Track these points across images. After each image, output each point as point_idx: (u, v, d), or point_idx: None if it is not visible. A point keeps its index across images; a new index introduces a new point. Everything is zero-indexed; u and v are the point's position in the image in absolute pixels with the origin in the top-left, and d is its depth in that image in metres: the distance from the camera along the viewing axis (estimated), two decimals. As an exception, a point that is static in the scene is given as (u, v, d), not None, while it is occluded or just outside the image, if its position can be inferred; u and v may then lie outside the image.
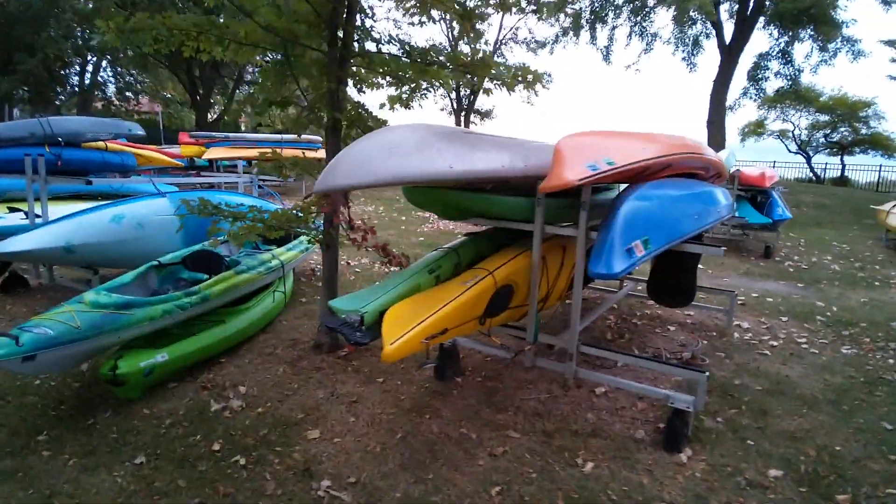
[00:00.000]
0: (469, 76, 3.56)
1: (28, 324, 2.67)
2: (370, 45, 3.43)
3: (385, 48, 3.51)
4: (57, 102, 22.85)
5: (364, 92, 3.63)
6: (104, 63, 23.09)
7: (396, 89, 3.83)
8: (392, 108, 3.93)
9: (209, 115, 23.49)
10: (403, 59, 3.60)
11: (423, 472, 2.47)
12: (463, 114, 25.90)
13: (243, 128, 32.84)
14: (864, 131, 23.12)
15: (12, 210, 4.83)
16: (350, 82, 3.69)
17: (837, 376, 3.63)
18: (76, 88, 23.40)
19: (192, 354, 3.26)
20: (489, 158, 2.54)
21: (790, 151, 25.38)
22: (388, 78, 3.61)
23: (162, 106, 30.50)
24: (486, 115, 26.81)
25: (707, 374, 2.82)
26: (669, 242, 2.79)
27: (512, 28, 24.92)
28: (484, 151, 2.57)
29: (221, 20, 3.66)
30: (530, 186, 2.83)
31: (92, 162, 6.56)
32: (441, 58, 3.49)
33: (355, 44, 3.34)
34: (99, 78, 23.96)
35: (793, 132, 25.35)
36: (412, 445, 2.70)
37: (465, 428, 2.88)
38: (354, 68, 3.64)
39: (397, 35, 3.49)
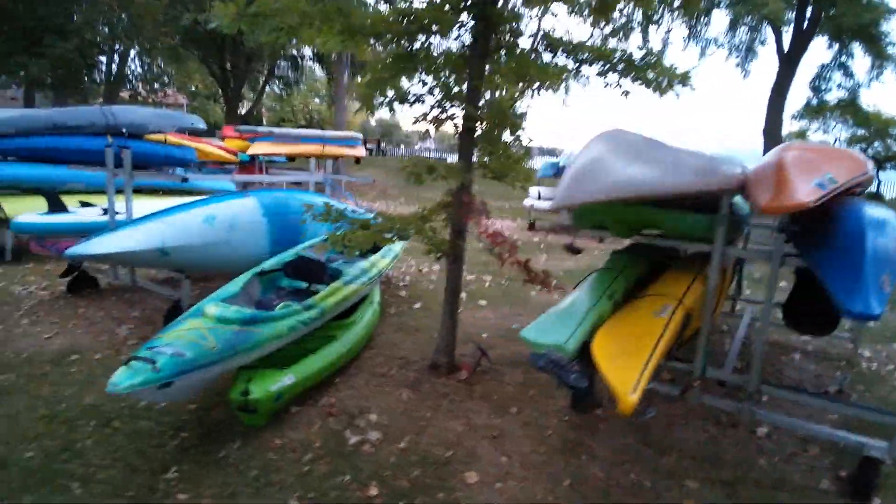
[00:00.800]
0: (618, 75, 3.21)
1: (156, 343, 2.37)
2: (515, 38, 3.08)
3: (527, 42, 3.16)
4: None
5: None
6: (132, 52, 22.93)
7: (522, 86, 3.48)
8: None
9: (239, 109, 23.26)
10: (546, 54, 3.25)
11: (618, 533, 2.13)
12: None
13: (264, 122, 32.75)
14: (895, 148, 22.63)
15: (85, 205, 4.54)
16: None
17: None
18: (101, 77, 23.23)
19: (314, 375, 2.95)
20: (696, 170, 2.21)
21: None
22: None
23: (188, 98, 30.42)
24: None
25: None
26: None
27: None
28: (686, 163, 2.24)
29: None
30: (703, 202, 2.50)
31: (155, 155, 6.31)
32: (587, 55, 3.14)
33: (505, 36, 3.00)
34: (126, 68, 23.83)
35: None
36: (584, 494, 2.37)
37: (634, 473, 2.55)
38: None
39: (545, 29, 3.14)
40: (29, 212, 4.24)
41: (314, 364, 2.96)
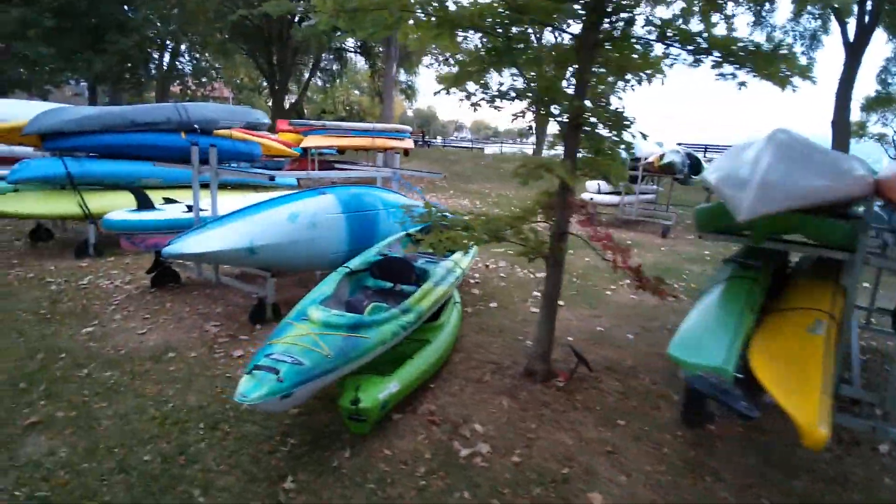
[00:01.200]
0: (736, 66, 2.96)
1: (271, 350, 2.32)
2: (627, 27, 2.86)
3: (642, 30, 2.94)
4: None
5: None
6: (182, 48, 23.50)
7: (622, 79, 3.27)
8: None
9: (285, 102, 23.60)
10: (654, 42, 3.03)
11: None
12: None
13: (306, 113, 33.13)
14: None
15: (168, 201, 4.60)
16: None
17: None
18: (153, 72, 23.91)
19: (415, 381, 2.86)
20: (854, 176, 1.98)
21: (891, 157, 23.47)
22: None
23: (234, 92, 31.09)
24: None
25: None
26: None
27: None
28: (844, 167, 2.01)
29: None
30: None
31: (224, 151, 6.36)
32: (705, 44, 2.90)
33: (618, 25, 2.80)
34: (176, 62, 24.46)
35: (893, 137, 23.46)
36: (720, 522, 2.19)
37: (765, 498, 2.35)
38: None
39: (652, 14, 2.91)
40: (118, 209, 4.32)
41: (414, 369, 2.87)
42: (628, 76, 3.13)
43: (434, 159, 19.43)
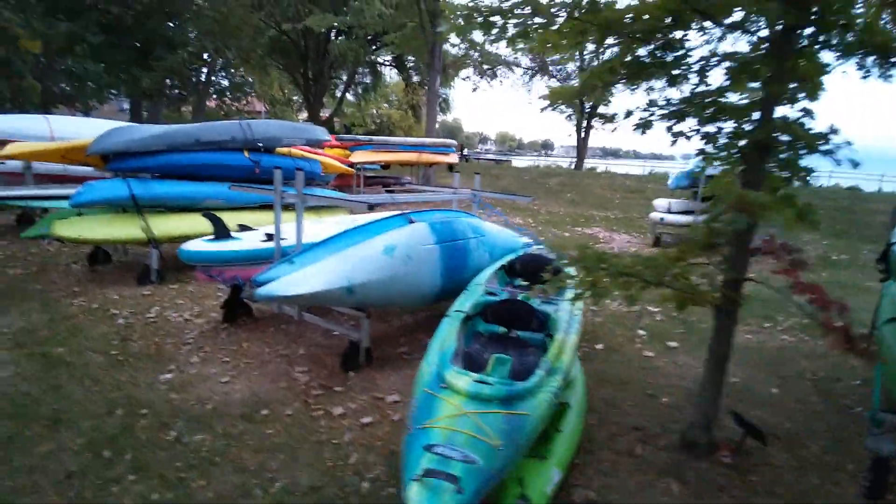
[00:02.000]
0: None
1: (429, 438, 1.85)
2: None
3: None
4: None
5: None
6: (218, 62, 23.69)
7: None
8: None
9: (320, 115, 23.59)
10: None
11: None
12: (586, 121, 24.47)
13: (336, 128, 33.21)
14: None
15: (243, 228, 4.24)
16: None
17: None
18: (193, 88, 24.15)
19: (569, 461, 2.36)
20: None
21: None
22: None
23: (268, 105, 31.34)
24: (610, 119, 24.86)
25: None
26: None
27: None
28: None
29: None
30: None
31: (286, 170, 6.01)
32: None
33: (831, 29, 2.30)
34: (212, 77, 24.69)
35: None
36: None
37: None
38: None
39: None
40: (195, 239, 3.96)
41: (567, 446, 2.38)
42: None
43: (473, 175, 19.02)
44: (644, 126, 2.54)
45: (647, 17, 2.48)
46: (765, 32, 2.43)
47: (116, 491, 2.26)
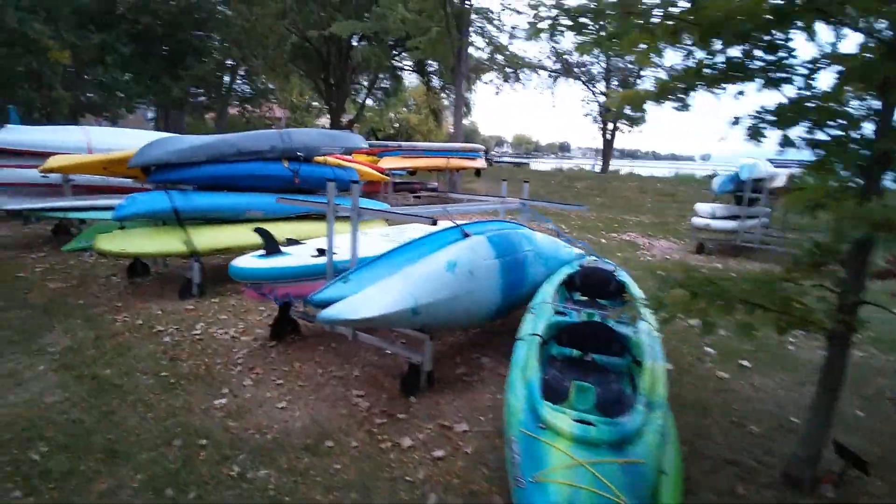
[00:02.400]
0: None
1: (546, 496, 1.64)
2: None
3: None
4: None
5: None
6: (241, 69, 23.81)
7: None
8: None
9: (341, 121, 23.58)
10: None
11: None
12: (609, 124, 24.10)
13: (355, 131, 33.24)
14: None
15: (291, 242, 4.08)
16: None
17: None
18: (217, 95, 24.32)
19: (679, 508, 2.13)
20: None
21: None
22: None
23: (289, 111, 31.54)
24: (635, 122, 24.43)
25: None
26: None
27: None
28: None
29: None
30: None
31: (323, 178, 5.87)
32: None
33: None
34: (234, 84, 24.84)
35: None
36: None
37: None
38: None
39: None
40: (245, 255, 3.81)
41: (675, 490, 2.14)
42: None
43: (500, 178, 18.78)
44: (756, 134, 2.30)
45: (765, 15, 2.25)
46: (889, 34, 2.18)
47: (185, 536, 2.09)
